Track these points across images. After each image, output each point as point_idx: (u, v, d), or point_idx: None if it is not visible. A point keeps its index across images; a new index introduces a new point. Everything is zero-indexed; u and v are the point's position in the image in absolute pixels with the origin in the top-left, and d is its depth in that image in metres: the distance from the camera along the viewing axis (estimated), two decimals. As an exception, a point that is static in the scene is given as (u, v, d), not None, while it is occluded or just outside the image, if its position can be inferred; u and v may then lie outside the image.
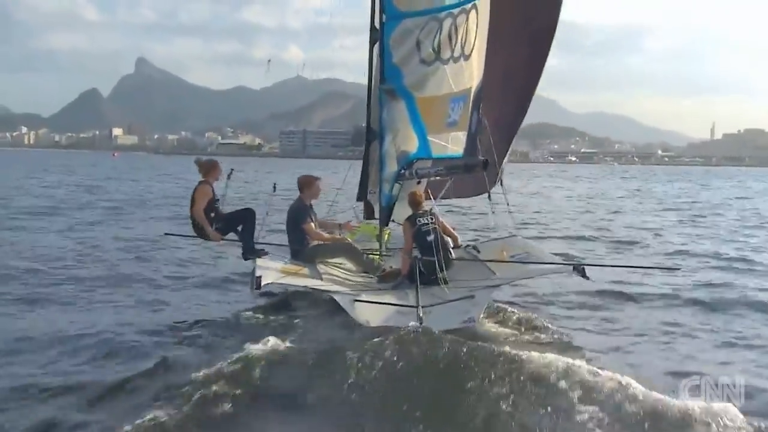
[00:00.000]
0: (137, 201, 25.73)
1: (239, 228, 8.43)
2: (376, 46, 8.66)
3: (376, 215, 9.47)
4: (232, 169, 8.64)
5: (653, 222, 21.98)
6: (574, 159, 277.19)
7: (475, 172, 8.41)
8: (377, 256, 8.73)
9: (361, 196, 9.92)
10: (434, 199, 9.12)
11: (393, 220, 9.04)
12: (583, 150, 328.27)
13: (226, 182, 8.51)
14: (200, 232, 8.37)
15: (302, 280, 7.65)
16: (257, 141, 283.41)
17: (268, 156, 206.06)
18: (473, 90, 8.43)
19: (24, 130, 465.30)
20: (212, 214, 8.25)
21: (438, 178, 8.77)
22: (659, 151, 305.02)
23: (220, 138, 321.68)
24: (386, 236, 9.25)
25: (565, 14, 9.73)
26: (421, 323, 6.18)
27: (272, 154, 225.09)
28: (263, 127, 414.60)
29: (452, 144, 8.50)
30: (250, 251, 8.17)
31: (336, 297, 7.11)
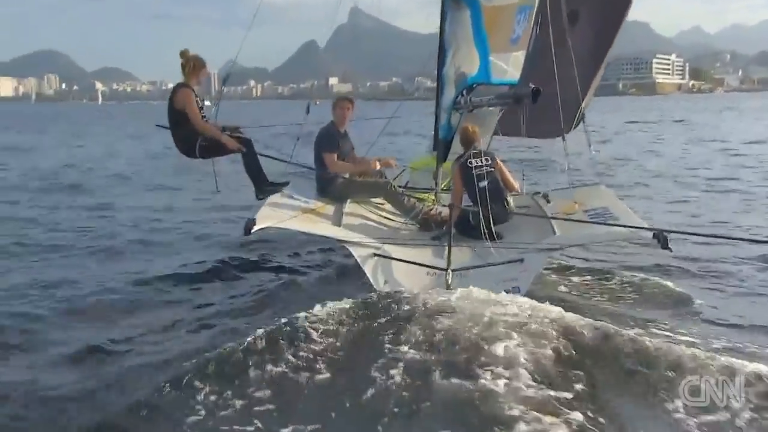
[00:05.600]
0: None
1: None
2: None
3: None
4: (228, 74, 7.53)
5: None
6: None
7: (524, 103, 6.82)
8: (431, 198, 7.41)
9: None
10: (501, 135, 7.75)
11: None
12: None
13: (220, 89, 7.43)
14: (189, 149, 6.99)
15: (312, 225, 6.73)
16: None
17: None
18: None
19: (252, 83, 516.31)
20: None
21: (491, 108, 7.25)
22: None
23: (429, 82, 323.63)
24: (450, 176, 7.98)
25: None
26: (448, 289, 5.54)
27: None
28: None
29: (512, 67, 7.45)
30: (261, 189, 7.17)
31: (351, 249, 6.34)
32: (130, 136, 39.13)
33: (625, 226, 6.54)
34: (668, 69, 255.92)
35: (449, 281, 5.61)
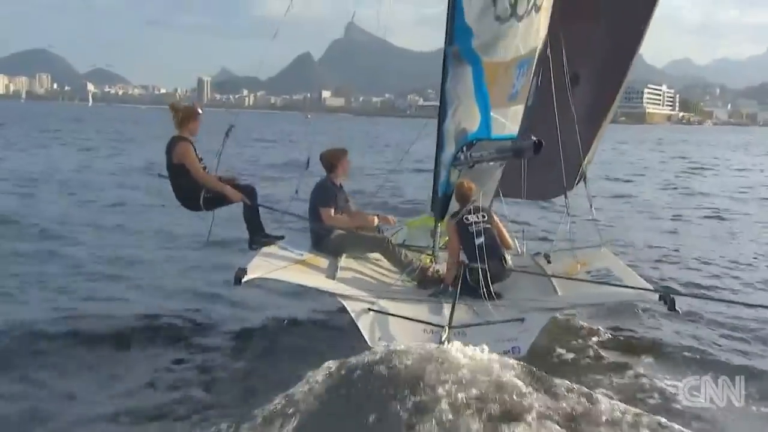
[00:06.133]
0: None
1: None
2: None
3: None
4: (232, 126, 7.35)
5: None
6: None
7: (525, 156, 6.70)
8: (428, 256, 7.24)
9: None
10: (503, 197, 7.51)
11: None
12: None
13: (223, 142, 7.27)
14: (192, 203, 6.98)
15: (305, 276, 6.59)
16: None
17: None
18: (538, 50, 6.88)
19: (245, 92, 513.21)
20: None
21: (491, 163, 7.09)
22: None
23: (421, 100, 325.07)
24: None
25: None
26: (441, 343, 5.24)
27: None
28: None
29: (511, 122, 7.41)
30: (255, 239, 7.08)
31: (345, 303, 6.11)
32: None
33: (630, 287, 6.45)
34: (659, 99, 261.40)
35: (445, 337, 5.31)
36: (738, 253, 12.33)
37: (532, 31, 7.47)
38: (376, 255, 7.58)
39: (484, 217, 7.04)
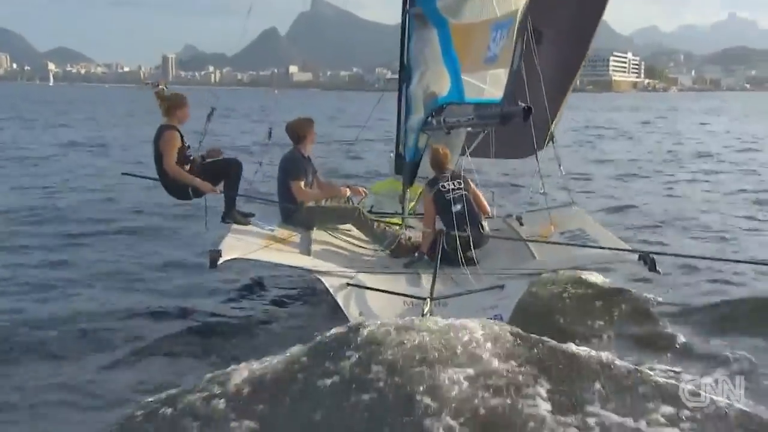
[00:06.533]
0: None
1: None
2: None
3: None
4: (213, 109, 7.19)
5: None
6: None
7: (513, 123, 6.35)
8: (397, 224, 7.05)
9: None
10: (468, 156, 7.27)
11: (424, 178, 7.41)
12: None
13: (205, 125, 7.13)
14: (180, 192, 6.89)
15: (281, 255, 6.46)
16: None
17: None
18: (520, 11, 6.84)
19: (211, 69, 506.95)
20: (186, 167, 6.83)
21: (470, 129, 6.81)
22: None
23: (389, 73, 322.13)
24: (416, 199, 7.55)
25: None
26: (423, 316, 5.14)
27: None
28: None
29: (490, 85, 6.91)
30: (230, 213, 6.96)
31: (323, 279, 6.04)
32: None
33: (610, 249, 6.33)
34: (624, 67, 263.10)
35: (427, 309, 5.19)
36: (737, 215, 12.02)
37: None
38: (347, 225, 7.46)
39: (460, 184, 6.93)
